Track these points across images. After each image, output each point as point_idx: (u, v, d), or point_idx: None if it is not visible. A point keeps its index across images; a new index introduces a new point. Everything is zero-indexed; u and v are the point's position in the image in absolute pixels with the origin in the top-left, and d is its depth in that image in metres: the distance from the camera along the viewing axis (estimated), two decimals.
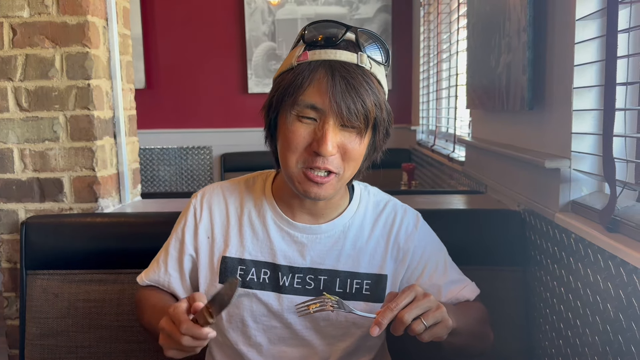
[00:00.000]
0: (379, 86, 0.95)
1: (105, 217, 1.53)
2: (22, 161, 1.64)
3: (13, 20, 1.58)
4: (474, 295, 1.11)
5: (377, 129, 0.96)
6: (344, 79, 0.90)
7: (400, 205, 1.13)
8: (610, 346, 0.97)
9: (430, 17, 3.41)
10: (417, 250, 1.09)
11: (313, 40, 0.94)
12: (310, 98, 0.91)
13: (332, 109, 0.90)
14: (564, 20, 1.18)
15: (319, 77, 0.91)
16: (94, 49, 1.60)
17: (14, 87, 1.61)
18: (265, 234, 1.06)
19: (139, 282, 1.14)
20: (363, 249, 1.07)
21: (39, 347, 1.44)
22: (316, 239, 1.06)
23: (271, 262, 1.06)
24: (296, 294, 1.05)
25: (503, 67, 1.50)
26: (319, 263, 1.06)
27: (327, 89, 0.89)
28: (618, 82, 0.95)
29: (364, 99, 0.91)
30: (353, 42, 0.94)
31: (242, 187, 1.12)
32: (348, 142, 0.93)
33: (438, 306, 0.89)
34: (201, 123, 4.28)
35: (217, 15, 4.17)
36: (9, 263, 1.68)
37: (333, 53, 0.92)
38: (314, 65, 0.92)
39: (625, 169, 1.06)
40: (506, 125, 1.65)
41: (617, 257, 0.94)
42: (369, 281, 1.06)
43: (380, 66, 0.97)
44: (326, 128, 0.91)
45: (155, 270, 1.13)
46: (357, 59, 0.93)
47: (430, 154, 3.14)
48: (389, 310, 0.87)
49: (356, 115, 0.90)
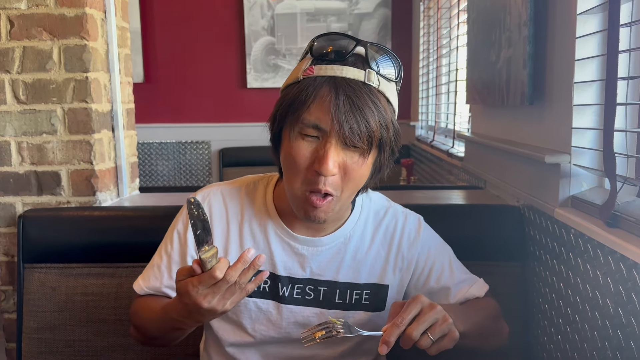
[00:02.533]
0: (386, 105, 0.91)
1: (103, 211, 1.52)
2: (20, 154, 1.63)
3: (10, 12, 1.57)
4: (483, 292, 1.10)
5: (383, 148, 0.93)
6: (348, 98, 0.87)
7: (401, 211, 1.11)
8: (610, 342, 0.97)
9: (430, 12, 3.40)
10: (421, 256, 1.08)
11: (321, 54, 0.91)
12: (313, 116, 0.88)
13: (335, 128, 0.87)
14: (565, 14, 1.18)
15: (323, 95, 0.88)
16: (92, 41, 1.59)
17: (12, 80, 1.60)
18: (266, 245, 1.04)
19: (136, 290, 1.08)
20: (363, 259, 1.06)
21: (36, 341, 1.43)
22: (317, 251, 1.04)
23: (271, 272, 1.04)
24: (296, 304, 1.04)
25: (503, 61, 1.49)
26: (318, 274, 1.04)
27: (330, 108, 0.86)
28: (619, 76, 0.95)
29: (368, 120, 0.87)
30: (362, 56, 0.90)
31: (243, 192, 1.08)
32: (350, 162, 0.90)
33: (444, 318, 0.87)
34: (200, 118, 4.26)
35: (216, 10, 4.16)
36: (6, 256, 1.68)
37: (339, 69, 0.89)
38: (319, 81, 0.89)
39: (625, 164, 1.06)
40: (506, 120, 1.64)
41: (617, 253, 0.93)
42: (368, 291, 1.05)
43: (391, 83, 0.93)
44: (328, 147, 0.88)
45: (156, 276, 1.07)
46: (365, 76, 0.89)
47: (429, 149, 3.14)
48: (396, 326, 0.85)
49: (359, 136, 0.87)
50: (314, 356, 1.07)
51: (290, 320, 1.04)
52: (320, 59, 0.91)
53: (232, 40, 4.19)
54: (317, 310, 1.05)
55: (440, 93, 3.13)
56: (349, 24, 4.12)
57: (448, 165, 2.62)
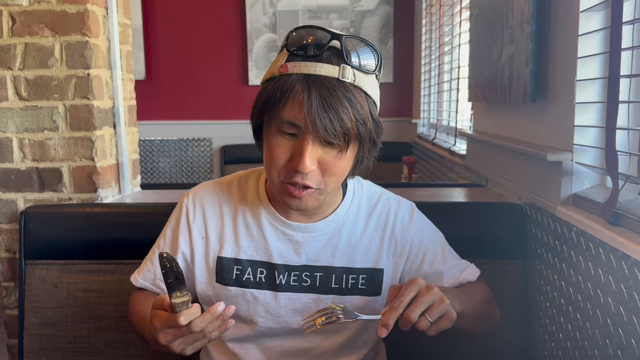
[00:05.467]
0: (363, 99, 0.90)
1: (104, 208, 1.52)
2: (22, 151, 1.63)
3: (12, 9, 1.57)
4: (475, 277, 1.12)
5: (362, 142, 0.93)
6: (321, 97, 0.86)
7: (394, 197, 1.12)
8: (611, 340, 0.97)
9: (433, 9, 3.39)
10: (414, 241, 1.09)
11: (295, 49, 0.90)
12: (288, 114, 0.88)
13: (309, 128, 0.87)
14: (568, 11, 1.17)
15: (296, 93, 0.87)
16: (93, 38, 1.59)
17: (13, 76, 1.60)
18: (260, 234, 1.05)
19: (133, 282, 1.13)
20: (358, 244, 1.07)
21: (37, 337, 1.44)
22: (311, 237, 1.05)
23: (267, 262, 1.05)
24: (293, 291, 1.05)
25: (506, 59, 1.49)
26: (314, 260, 1.05)
27: (303, 107, 0.86)
28: (622, 74, 0.94)
29: (342, 117, 0.87)
30: (338, 50, 0.89)
31: (235, 186, 1.10)
32: (328, 158, 0.91)
33: (441, 299, 0.88)
34: (201, 115, 4.26)
35: (218, 7, 4.16)
36: (8, 253, 1.68)
37: (313, 67, 0.88)
38: (294, 79, 0.88)
39: (627, 162, 1.06)
40: (508, 118, 1.64)
41: (618, 251, 0.93)
42: (364, 275, 1.06)
43: (369, 75, 0.92)
44: (304, 145, 0.88)
45: (149, 269, 1.12)
46: (339, 72, 0.88)
47: (431, 147, 3.14)
48: (394, 309, 0.86)
49: (333, 134, 0.87)
50: (313, 348, 1.07)
51: (289, 307, 1.05)
52: (295, 54, 0.90)
53: (233, 37, 4.19)
54: (315, 296, 1.05)
55: (442, 90, 3.12)
56: (351, 21, 4.11)
57: (450, 163, 2.61)
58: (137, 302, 1.09)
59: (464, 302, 0.96)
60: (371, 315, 0.92)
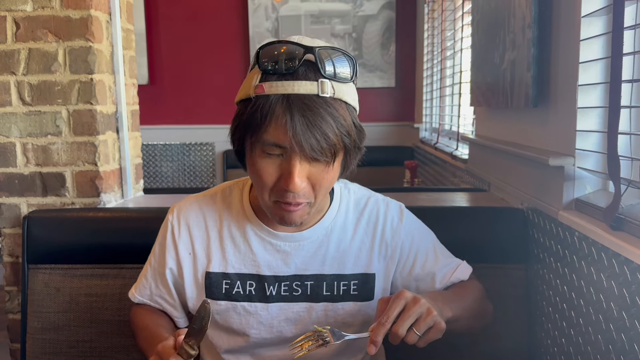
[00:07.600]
0: (344, 110, 0.89)
1: (107, 212, 1.52)
2: (25, 155, 1.64)
3: (16, 14, 1.58)
4: (467, 275, 1.11)
5: (348, 151, 0.92)
6: (304, 117, 0.84)
7: (382, 199, 1.11)
8: (613, 345, 0.97)
9: (435, 14, 3.40)
10: (405, 243, 1.08)
11: (268, 68, 0.87)
12: (272, 137, 0.86)
13: (295, 148, 0.86)
14: (570, 16, 1.17)
15: (278, 116, 0.85)
16: (97, 43, 1.60)
17: (17, 81, 1.61)
18: (247, 246, 1.04)
19: (131, 298, 1.13)
20: (347, 250, 1.06)
21: (40, 341, 1.44)
22: (299, 246, 1.04)
23: (256, 274, 1.04)
24: (284, 301, 1.04)
25: (507, 64, 1.49)
26: (303, 269, 1.04)
27: (288, 130, 0.84)
28: (623, 79, 0.95)
29: (327, 134, 0.85)
30: (313, 63, 0.87)
31: (219, 198, 1.08)
32: (317, 172, 0.90)
33: (429, 311, 0.88)
34: (204, 119, 4.27)
35: (221, 12, 4.17)
36: (10, 257, 1.69)
37: (290, 86, 0.85)
38: (272, 100, 0.85)
39: (629, 167, 1.06)
40: (510, 122, 1.64)
41: (620, 256, 0.93)
42: (356, 281, 1.05)
43: (347, 84, 0.91)
44: (292, 165, 0.87)
45: (144, 285, 1.12)
46: (318, 87, 0.86)
47: (433, 151, 3.14)
48: (381, 325, 0.87)
49: (320, 152, 0.86)
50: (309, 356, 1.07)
51: (281, 317, 1.04)
52: (269, 73, 0.87)
53: (236, 42, 4.20)
54: (307, 304, 1.05)
55: (445, 95, 3.13)
56: (353, 26, 4.12)
57: (452, 168, 2.61)
58: (142, 318, 1.10)
59: (455, 306, 0.96)
60: (363, 324, 0.91)
